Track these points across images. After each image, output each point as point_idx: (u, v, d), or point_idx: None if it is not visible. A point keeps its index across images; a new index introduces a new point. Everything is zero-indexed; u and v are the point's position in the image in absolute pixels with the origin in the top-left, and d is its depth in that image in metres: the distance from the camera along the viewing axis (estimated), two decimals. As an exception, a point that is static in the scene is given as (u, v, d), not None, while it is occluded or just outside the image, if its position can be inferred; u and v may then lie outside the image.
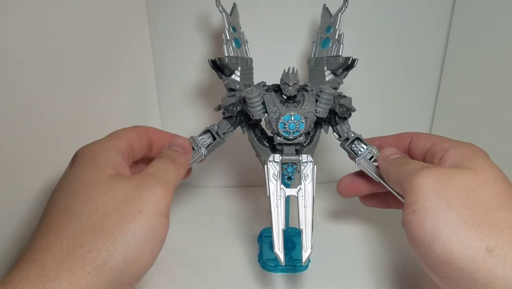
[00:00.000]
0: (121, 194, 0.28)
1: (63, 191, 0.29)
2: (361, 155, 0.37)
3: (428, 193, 0.28)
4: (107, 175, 0.29)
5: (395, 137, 0.38)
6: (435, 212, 0.27)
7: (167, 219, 0.29)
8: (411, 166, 0.31)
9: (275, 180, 0.34)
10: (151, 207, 0.28)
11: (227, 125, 0.37)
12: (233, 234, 0.47)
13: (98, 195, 0.28)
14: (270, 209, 0.34)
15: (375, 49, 0.51)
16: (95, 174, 0.29)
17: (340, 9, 0.40)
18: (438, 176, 0.29)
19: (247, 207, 0.53)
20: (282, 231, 0.33)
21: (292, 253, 0.42)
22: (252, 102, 0.34)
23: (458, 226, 0.26)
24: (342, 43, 0.39)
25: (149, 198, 0.28)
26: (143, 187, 0.29)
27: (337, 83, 0.39)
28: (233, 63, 0.38)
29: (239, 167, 0.57)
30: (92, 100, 0.45)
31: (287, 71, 0.33)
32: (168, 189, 0.30)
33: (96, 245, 0.26)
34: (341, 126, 0.37)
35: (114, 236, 0.26)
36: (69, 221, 0.27)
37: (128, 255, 0.26)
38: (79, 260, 0.25)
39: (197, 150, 0.37)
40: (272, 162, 0.35)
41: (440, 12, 0.51)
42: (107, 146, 0.32)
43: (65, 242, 0.26)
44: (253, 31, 0.42)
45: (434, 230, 0.27)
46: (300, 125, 0.34)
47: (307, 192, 0.34)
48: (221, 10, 0.38)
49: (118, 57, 0.47)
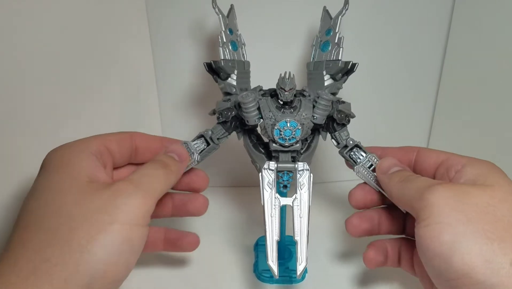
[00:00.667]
0: (94, 203, 0.27)
1: (33, 201, 0.28)
2: (360, 163, 0.36)
3: (443, 208, 0.27)
4: (80, 183, 0.28)
5: (400, 150, 0.37)
6: (453, 226, 0.26)
7: (145, 229, 0.28)
8: (420, 183, 0.30)
9: (270, 188, 0.33)
10: (126, 216, 0.27)
11: (222, 131, 0.36)
12: (228, 241, 0.46)
13: (68, 205, 0.26)
14: (264, 219, 0.33)
15: (375, 53, 0.50)
16: (66, 182, 0.28)
17: (340, 11, 0.38)
18: (453, 192, 0.28)
19: (243, 211, 0.51)
20: (276, 242, 0.32)
21: (289, 263, 0.41)
22: (247, 107, 0.33)
23: (479, 240, 0.26)
24: (342, 47, 0.38)
25: (125, 207, 0.27)
26: (119, 195, 0.27)
27: (336, 88, 0.37)
28: (229, 66, 0.37)
29: (233, 166, 0.55)
30: (89, 103, 0.44)
31: (283, 76, 0.32)
32: (150, 196, 0.29)
33: (63, 258, 0.25)
34: (340, 133, 0.36)
35: (81, 249, 0.25)
36: (37, 234, 0.26)
37: (97, 268, 0.25)
38: (46, 274, 0.24)
39: (190, 155, 0.36)
40: (267, 170, 0.34)
41: (440, 15, 0.50)
42: (79, 148, 0.30)
43: (32, 256, 0.25)
44: (251, 33, 0.40)
45: (452, 244, 0.26)
46: (296, 132, 0.33)
47: (303, 202, 0.33)
48: (218, 11, 0.37)
49: (117, 58, 0.47)
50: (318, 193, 0.34)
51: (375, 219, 0.36)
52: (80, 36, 0.42)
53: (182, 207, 0.37)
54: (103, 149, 0.32)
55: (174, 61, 0.50)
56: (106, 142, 0.32)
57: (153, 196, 0.29)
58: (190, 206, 0.37)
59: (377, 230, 0.37)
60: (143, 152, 0.35)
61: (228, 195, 0.55)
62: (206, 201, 0.37)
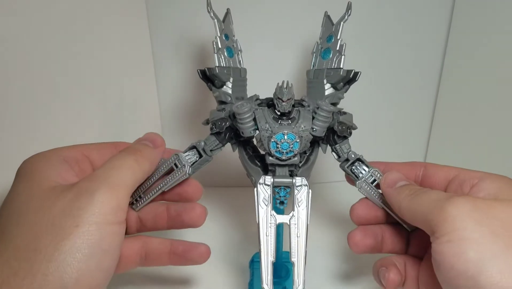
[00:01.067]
0: (57, 207, 0.25)
1: (2, 213, 0.26)
2: (362, 178, 0.33)
3: (467, 222, 0.25)
4: (44, 188, 0.26)
5: (405, 165, 0.35)
6: (479, 242, 0.25)
7: (119, 226, 0.26)
8: (436, 195, 0.28)
9: (266, 205, 0.31)
10: (92, 216, 0.25)
11: (215, 142, 0.34)
12: (221, 257, 0.43)
13: (31, 213, 0.25)
14: (259, 238, 0.30)
15: (373, 59, 0.49)
16: (30, 189, 0.26)
17: (342, 17, 0.37)
18: (475, 205, 0.26)
19: (238, 216, 0.49)
20: (272, 263, 0.30)
21: (286, 282, 0.38)
22: (242, 118, 0.31)
23: (509, 257, 0.24)
24: (344, 54, 0.36)
25: (89, 206, 0.25)
26: (83, 194, 0.26)
27: (337, 98, 0.35)
28: (224, 73, 0.35)
29: (229, 164, 0.51)
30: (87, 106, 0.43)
31: (280, 85, 0.30)
32: (118, 189, 0.27)
33: (30, 270, 0.23)
34: (341, 146, 0.34)
35: (48, 258, 0.24)
36: (3, 246, 0.24)
37: (67, 276, 0.24)
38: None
39: (181, 168, 0.33)
40: (262, 185, 0.32)
41: (439, 19, 0.49)
42: (49, 155, 0.29)
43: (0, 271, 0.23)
44: (248, 39, 0.39)
45: (479, 262, 0.24)
46: (294, 145, 0.30)
47: (301, 220, 0.31)
48: (213, 16, 0.36)
49: (117, 61, 0.45)
50: (316, 195, 0.32)
51: (379, 235, 0.34)
52: (78, 41, 0.41)
53: (177, 218, 0.35)
54: (80, 157, 0.30)
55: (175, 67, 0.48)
56: (85, 150, 0.31)
57: (123, 188, 0.28)
58: (185, 217, 0.34)
59: (380, 247, 0.35)
60: None
61: (227, 196, 0.52)
62: (203, 211, 0.34)
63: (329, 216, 0.48)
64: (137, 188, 0.34)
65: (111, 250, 0.26)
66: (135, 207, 0.34)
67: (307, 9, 0.43)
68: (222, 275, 0.41)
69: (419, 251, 0.34)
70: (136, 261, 0.33)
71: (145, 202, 0.34)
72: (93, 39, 0.42)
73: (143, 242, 0.33)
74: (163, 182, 0.34)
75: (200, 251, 0.34)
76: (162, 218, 0.34)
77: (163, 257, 0.34)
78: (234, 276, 0.41)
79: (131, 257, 0.32)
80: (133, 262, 0.33)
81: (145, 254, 0.33)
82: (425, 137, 0.56)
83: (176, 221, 0.35)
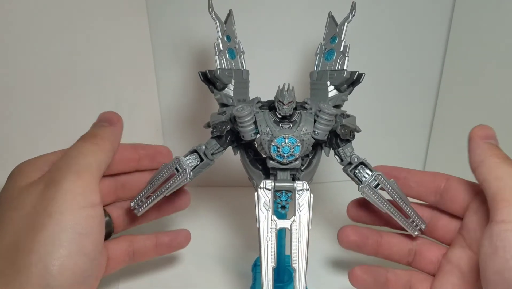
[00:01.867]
0: (30, 202, 0.26)
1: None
2: (366, 182, 0.33)
3: None
4: (20, 187, 0.27)
5: (427, 174, 0.35)
6: None
7: (92, 209, 0.27)
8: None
9: (266, 209, 0.31)
10: (62, 204, 0.26)
11: (216, 146, 0.34)
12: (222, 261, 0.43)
13: (7, 212, 0.26)
14: (260, 244, 0.30)
15: (374, 60, 0.49)
16: (12, 189, 0.27)
17: (346, 18, 0.36)
18: None
19: (239, 218, 0.48)
20: (272, 269, 0.29)
21: (288, 287, 0.38)
22: (243, 121, 0.31)
23: None
24: (348, 56, 0.35)
25: (58, 195, 0.26)
26: (49, 184, 0.26)
27: (341, 100, 0.35)
28: (225, 76, 0.35)
29: (230, 164, 0.49)
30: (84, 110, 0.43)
31: (282, 88, 0.30)
32: (83, 174, 0.27)
33: (13, 267, 0.24)
34: (344, 149, 0.33)
35: (28, 250, 0.24)
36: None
37: (50, 265, 0.24)
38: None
39: (182, 172, 0.33)
40: (263, 189, 0.31)
41: (439, 20, 0.49)
42: (37, 160, 0.29)
43: None
44: (250, 40, 0.38)
45: None
46: (295, 149, 0.30)
47: (302, 225, 0.30)
48: (215, 17, 0.35)
49: (117, 64, 0.45)
50: (316, 196, 0.32)
51: (369, 237, 0.35)
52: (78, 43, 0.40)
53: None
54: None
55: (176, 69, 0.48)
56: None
57: (88, 172, 0.28)
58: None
59: (371, 249, 0.35)
60: (115, 162, 0.33)
61: (225, 197, 0.52)
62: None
63: (329, 216, 0.47)
64: (138, 193, 0.34)
65: (90, 233, 0.26)
66: (137, 212, 0.34)
67: (310, 10, 0.42)
68: (224, 280, 0.40)
69: (427, 265, 0.33)
70: (125, 260, 0.34)
71: (147, 206, 0.34)
72: (93, 40, 0.42)
73: (129, 241, 0.34)
74: (164, 187, 0.33)
75: (185, 234, 0.38)
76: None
77: (150, 251, 0.36)
78: (236, 280, 0.40)
79: (120, 257, 0.34)
80: (122, 262, 0.34)
81: (133, 252, 0.34)
82: (425, 137, 0.55)
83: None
